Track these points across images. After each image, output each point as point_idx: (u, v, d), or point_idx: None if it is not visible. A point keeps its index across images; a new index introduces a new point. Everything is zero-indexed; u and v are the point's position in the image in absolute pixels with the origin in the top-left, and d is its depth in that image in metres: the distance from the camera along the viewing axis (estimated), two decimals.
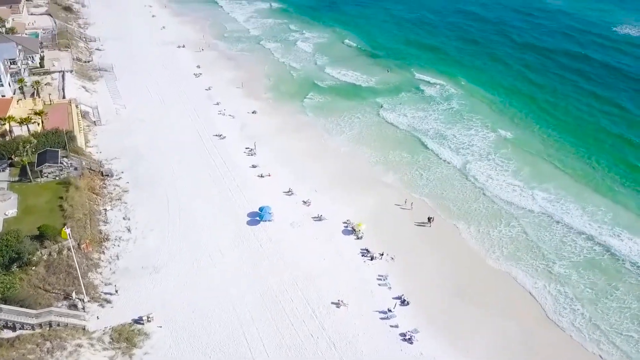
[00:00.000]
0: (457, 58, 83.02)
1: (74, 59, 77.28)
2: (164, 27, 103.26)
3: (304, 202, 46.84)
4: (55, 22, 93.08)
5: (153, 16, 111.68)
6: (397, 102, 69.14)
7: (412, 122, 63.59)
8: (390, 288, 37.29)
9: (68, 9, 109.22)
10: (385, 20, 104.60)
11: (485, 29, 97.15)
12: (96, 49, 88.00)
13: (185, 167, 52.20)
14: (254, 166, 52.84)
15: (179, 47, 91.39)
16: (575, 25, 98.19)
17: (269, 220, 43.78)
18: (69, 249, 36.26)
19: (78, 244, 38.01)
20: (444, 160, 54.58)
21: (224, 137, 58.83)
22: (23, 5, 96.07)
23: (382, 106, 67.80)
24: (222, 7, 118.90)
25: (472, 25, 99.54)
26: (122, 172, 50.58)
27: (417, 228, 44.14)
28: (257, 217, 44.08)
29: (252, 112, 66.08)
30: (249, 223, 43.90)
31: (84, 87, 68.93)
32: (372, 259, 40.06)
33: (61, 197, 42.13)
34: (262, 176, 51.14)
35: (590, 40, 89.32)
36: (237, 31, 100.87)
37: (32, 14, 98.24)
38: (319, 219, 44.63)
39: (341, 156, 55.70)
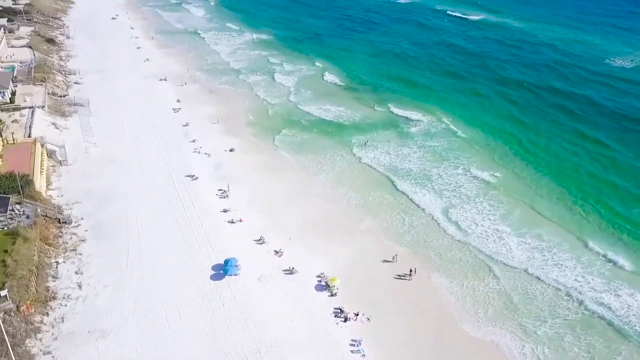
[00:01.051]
0: (441, 93, 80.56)
1: (48, 94, 74.77)
2: (147, 59, 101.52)
3: (276, 253, 43.36)
4: (34, 55, 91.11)
5: (138, 48, 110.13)
6: (380, 139, 66.42)
7: (395, 161, 60.72)
8: (364, 355, 33.52)
9: (51, 41, 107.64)
10: (368, 53, 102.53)
11: (470, 62, 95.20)
12: (74, 83, 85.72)
13: (152, 213, 48.80)
14: (225, 210, 49.52)
15: (160, 80, 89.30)
16: (564, 58, 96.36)
17: (234, 275, 40.22)
18: (6, 313, 32.52)
19: (17, 306, 34.20)
20: (427, 204, 51.38)
21: (196, 177, 55.70)
22: (2, 38, 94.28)
23: (365, 143, 65.03)
24: (206, 39, 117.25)
25: (456, 59, 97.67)
26: (82, 219, 47.13)
27: (397, 282, 40.65)
28: (222, 270, 40.52)
29: (230, 150, 63.20)
30: (213, 278, 40.29)
31: (54, 123, 66.10)
32: (345, 320, 36.37)
33: (6, 251, 38.49)
34: (232, 222, 47.78)
35: (578, 75, 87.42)
36: (221, 63, 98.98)
37: (12, 47, 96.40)
38: (290, 272, 41.08)
39: (320, 198, 52.48)
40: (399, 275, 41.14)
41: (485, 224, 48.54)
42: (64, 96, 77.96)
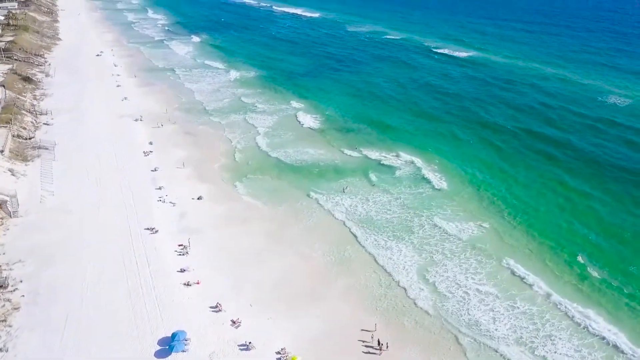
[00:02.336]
0: (422, 137, 76.63)
1: (13, 136, 71.12)
2: (125, 97, 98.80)
3: (233, 323, 38.58)
4: (5, 94, 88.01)
5: (118, 86, 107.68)
6: (358, 186, 62.41)
7: (373, 211, 56.59)
8: None
9: (28, 79, 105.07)
10: (348, 93, 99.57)
11: (454, 103, 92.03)
12: (44, 124, 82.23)
13: (101, 274, 44.11)
14: (182, 270, 44.92)
15: (136, 120, 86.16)
16: (550, 100, 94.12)
17: (182, 351, 35.36)
18: None
19: None
20: (405, 262, 46.99)
21: (156, 231, 51.30)
22: None
23: (343, 190, 61.16)
24: (188, 77, 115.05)
25: (440, 100, 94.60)
26: (21, 281, 42.37)
27: (366, 357, 35.84)
28: (168, 346, 35.64)
29: (198, 198, 59.11)
30: (157, 355, 35.35)
31: (11, 170, 62.00)
32: None
33: None
34: (188, 284, 43.12)
35: (565, 117, 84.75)
36: (200, 103, 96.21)
37: None
38: (246, 347, 36.24)
39: (290, 255, 48.00)
40: (367, 349, 36.41)
41: (469, 283, 44.13)
42: (30, 138, 74.28)
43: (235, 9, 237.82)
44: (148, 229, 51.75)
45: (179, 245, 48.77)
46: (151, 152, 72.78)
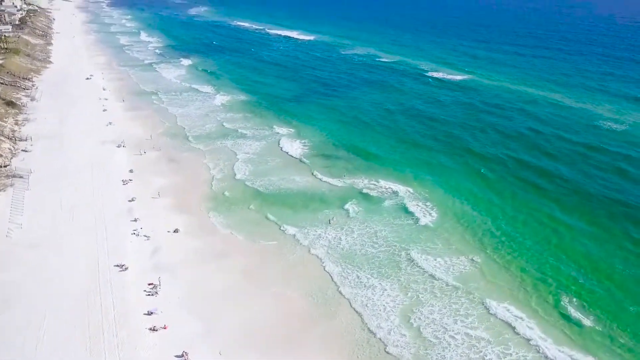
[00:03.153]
0: (410, 166, 73.93)
1: None
2: (110, 122, 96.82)
3: None
4: None
5: (104, 110, 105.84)
6: (344, 218, 59.90)
7: (358, 244, 53.86)
8: None
9: (11, 103, 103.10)
10: (336, 120, 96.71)
11: (442, 130, 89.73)
12: (22, 150, 79.90)
13: (60, 319, 41.08)
14: (149, 313, 41.99)
15: (118, 146, 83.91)
16: (545, 124, 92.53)
17: None
18: None
19: None
20: (388, 302, 44.24)
21: (126, 268, 48.47)
22: None
23: (329, 222, 58.66)
24: (175, 102, 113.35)
25: (429, 126, 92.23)
26: None
27: None
28: None
29: (174, 231, 56.41)
30: None
31: None
32: None
33: None
34: (155, 329, 40.17)
35: (560, 141, 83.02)
36: (188, 128, 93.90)
37: None
38: None
39: (267, 297, 45.06)
40: None
41: (457, 327, 41.39)
42: (5, 166, 71.83)
43: (228, 32, 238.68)
44: (118, 265, 48.93)
45: (149, 285, 45.92)
46: (131, 180, 70.33)
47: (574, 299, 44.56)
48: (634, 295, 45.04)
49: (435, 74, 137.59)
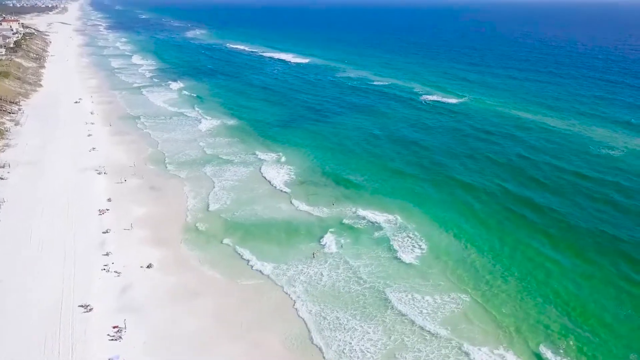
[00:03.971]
0: (397, 194, 71.29)
1: None
2: (94, 148, 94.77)
3: None
4: None
5: (89, 135, 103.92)
6: (330, 249, 57.01)
7: (343, 279, 50.91)
8: None
9: None
10: (323, 147, 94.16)
11: (431, 158, 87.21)
12: None
13: None
14: None
15: (99, 173, 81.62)
16: (537, 151, 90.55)
17: None
18: None
19: None
20: (369, 347, 41.30)
21: (91, 308, 45.45)
22: None
23: (313, 255, 55.79)
24: (162, 126, 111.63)
25: (418, 154, 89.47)
26: None
27: None
28: None
29: (147, 267, 53.59)
30: None
31: None
32: None
33: None
34: None
35: (551, 169, 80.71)
36: (173, 154, 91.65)
37: None
38: None
39: (242, 345, 41.57)
40: None
41: None
42: None
43: (222, 55, 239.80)
44: (82, 305, 45.96)
45: (114, 328, 42.94)
46: (107, 210, 67.75)
47: (561, 345, 41.61)
48: (627, 339, 42.12)
49: (426, 98, 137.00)
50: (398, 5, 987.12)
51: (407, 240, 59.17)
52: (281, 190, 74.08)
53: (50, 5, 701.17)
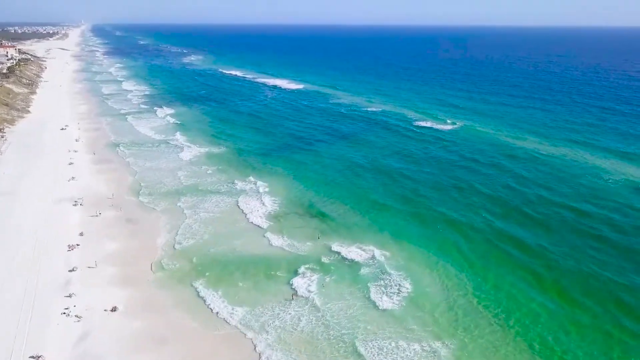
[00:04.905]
0: (384, 228, 68.62)
1: None
2: (73, 177, 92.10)
3: None
4: None
5: (70, 164, 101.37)
6: (309, 289, 53.72)
7: (322, 324, 47.66)
8: None
9: None
10: (309, 178, 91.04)
11: (420, 190, 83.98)
12: None
13: None
14: None
15: (75, 205, 78.75)
16: (529, 181, 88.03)
17: None
18: None
19: None
20: None
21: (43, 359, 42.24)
22: None
23: (292, 297, 52.31)
24: (147, 155, 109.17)
25: (406, 187, 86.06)
26: None
27: None
28: None
29: (112, 310, 50.16)
30: None
31: None
32: None
33: None
34: None
35: (544, 201, 78.12)
36: (155, 184, 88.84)
37: None
38: None
39: None
40: None
41: None
42: None
43: (214, 81, 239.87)
44: (33, 357, 42.48)
45: None
46: (78, 245, 64.59)
47: None
48: None
49: (417, 124, 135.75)
50: (390, 34, 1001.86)
51: (388, 280, 55.89)
52: (258, 226, 70.56)
53: (51, 32, 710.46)
